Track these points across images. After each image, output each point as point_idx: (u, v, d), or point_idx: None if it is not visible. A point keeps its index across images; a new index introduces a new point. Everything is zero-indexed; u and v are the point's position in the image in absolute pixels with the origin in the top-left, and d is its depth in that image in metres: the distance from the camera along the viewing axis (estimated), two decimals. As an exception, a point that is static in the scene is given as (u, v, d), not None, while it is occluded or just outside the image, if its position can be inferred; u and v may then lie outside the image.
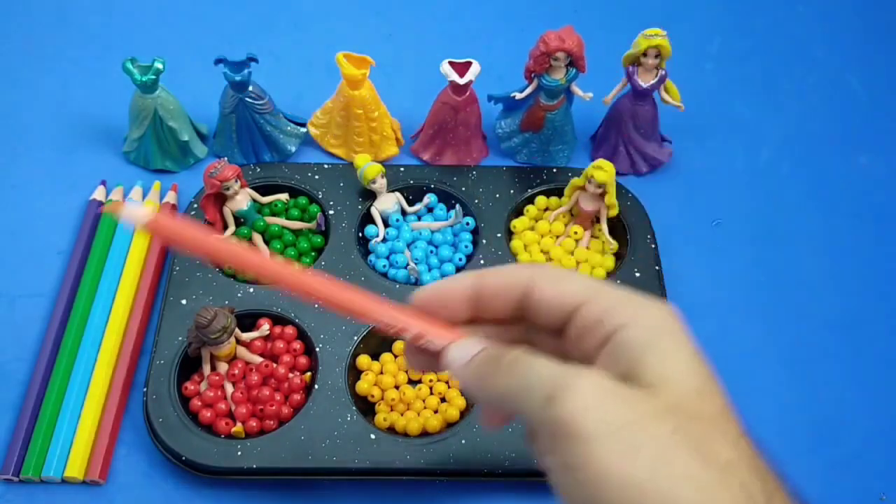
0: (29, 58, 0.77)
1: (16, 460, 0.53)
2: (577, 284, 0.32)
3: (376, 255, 0.63)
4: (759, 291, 0.64)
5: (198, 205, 0.63)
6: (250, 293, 0.59)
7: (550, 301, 0.32)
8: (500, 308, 0.33)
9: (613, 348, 0.30)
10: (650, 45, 0.62)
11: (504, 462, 0.53)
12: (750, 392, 0.59)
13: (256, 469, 0.52)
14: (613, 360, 0.30)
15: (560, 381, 0.28)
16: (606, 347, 0.30)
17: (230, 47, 0.64)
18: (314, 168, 0.67)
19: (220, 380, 0.55)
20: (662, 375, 0.28)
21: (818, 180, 0.71)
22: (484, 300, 0.33)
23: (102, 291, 0.60)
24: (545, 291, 0.32)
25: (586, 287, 0.32)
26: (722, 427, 0.28)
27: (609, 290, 0.31)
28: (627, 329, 0.30)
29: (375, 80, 0.66)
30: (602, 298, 0.31)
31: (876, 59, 0.81)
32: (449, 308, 0.33)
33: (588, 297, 0.31)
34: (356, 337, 0.58)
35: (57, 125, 0.72)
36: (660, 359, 0.29)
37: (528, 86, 0.65)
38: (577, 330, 0.31)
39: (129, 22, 0.80)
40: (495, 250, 0.62)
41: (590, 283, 0.32)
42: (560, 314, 0.32)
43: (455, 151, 0.68)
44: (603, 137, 0.70)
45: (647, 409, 0.27)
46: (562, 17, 0.76)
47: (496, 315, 0.33)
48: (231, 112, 0.65)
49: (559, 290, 0.32)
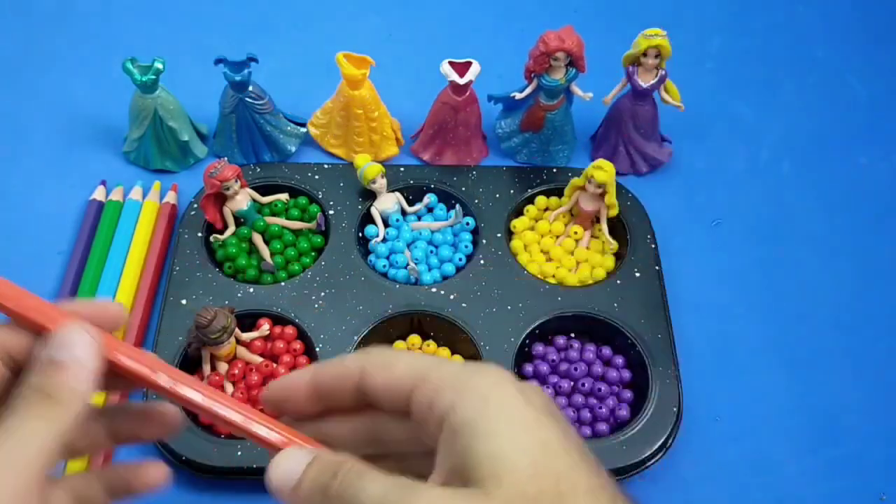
0: (29, 58, 0.77)
1: (16, 460, 0.53)
2: (405, 367, 0.30)
3: (376, 255, 0.63)
4: (759, 291, 0.64)
5: (198, 205, 0.63)
6: (250, 293, 0.59)
7: (383, 389, 0.31)
8: (342, 399, 0.32)
9: (446, 437, 0.28)
10: (650, 45, 0.62)
11: (504, 462, 0.52)
12: (750, 392, 0.59)
13: (256, 469, 0.52)
14: (448, 450, 0.28)
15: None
16: (442, 435, 0.29)
17: (230, 47, 0.64)
18: (314, 168, 0.67)
19: (220, 380, 0.55)
20: (494, 464, 0.27)
21: (818, 180, 0.71)
22: (323, 392, 0.32)
23: (102, 291, 0.60)
24: (375, 380, 0.31)
25: (414, 369, 0.30)
26: (569, 495, 0.27)
27: (438, 369, 0.30)
28: (455, 412, 0.28)
29: (375, 80, 0.66)
30: (431, 379, 0.29)
31: (876, 59, 0.81)
32: (293, 401, 0.33)
33: (417, 379, 0.30)
34: (356, 337, 0.58)
35: (57, 125, 0.72)
36: (488, 444, 0.27)
37: (527, 86, 0.65)
38: (415, 416, 0.30)
39: (129, 22, 0.80)
40: (495, 250, 0.62)
41: (418, 363, 0.30)
42: (397, 401, 0.30)
43: (455, 151, 0.68)
44: (603, 137, 0.70)
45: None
46: (562, 17, 0.76)
47: (342, 405, 0.32)
48: (231, 112, 0.65)
49: (387, 375, 0.31)
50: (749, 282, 0.65)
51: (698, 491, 0.55)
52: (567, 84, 0.64)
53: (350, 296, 0.59)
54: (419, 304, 0.59)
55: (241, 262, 0.61)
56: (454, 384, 0.29)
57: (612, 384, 0.57)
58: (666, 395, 0.55)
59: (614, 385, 0.57)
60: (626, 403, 0.56)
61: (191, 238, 0.62)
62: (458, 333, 0.58)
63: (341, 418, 0.33)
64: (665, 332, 0.58)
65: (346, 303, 0.59)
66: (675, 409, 0.55)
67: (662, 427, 0.54)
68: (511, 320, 0.58)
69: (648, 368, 0.56)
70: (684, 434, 0.55)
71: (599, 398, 0.56)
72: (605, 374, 0.57)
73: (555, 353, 0.58)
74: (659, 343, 0.58)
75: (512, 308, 0.59)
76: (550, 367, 0.57)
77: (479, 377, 0.29)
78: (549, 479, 0.27)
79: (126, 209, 0.64)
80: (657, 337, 0.58)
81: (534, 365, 0.58)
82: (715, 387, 0.59)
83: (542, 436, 0.28)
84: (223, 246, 0.62)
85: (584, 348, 0.58)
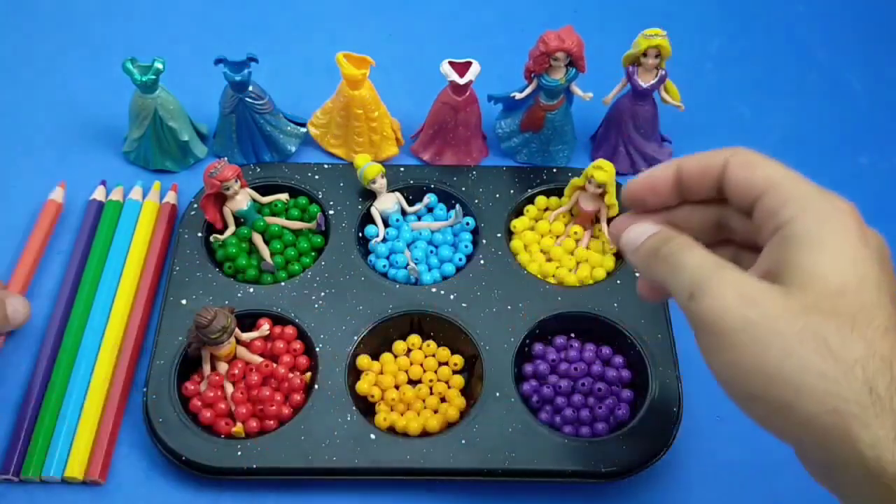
0: (29, 58, 0.77)
1: (16, 460, 0.53)
2: (764, 171, 0.34)
3: (376, 255, 0.63)
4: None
5: (198, 205, 0.63)
6: (250, 293, 0.59)
7: (738, 185, 0.35)
8: (700, 190, 0.37)
9: (777, 241, 0.32)
10: (650, 45, 0.62)
11: (504, 462, 0.53)
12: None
13: (256, 469, 0.52)
14: (772, 253, 0.33)
15: (701, 279, 0.32)
16: (773, 238, 0.33)
17: (230, 47, 0.64)
18: (314, 168, 0.67)
19: (220, 380, 0.55)
20: (808, 273, 0.31)
21: (818, 180, 0.70)
22: (685, 183, 0.37)
23: (102, 291, 0.60)
24: (736, 175, 0.35)
25: (771, 176, 0.34)
26: (862, 322, 0.30)
27: (792, 181, 0.33)
28: (794, 223, 0.32)
29: (375, 80, 0.66)
30: (783, 189, 0.33)
31: (876, 59, 0.81)
32: (657, 192, 0.37)
33: (771, 185, 0.34)
34: (356, 337, 0.58)
35: (57, 125, 0.72)
36: (812, 256, 0.31)
37: (527, 86, 0.65)
38: (758, 217, 0.34)
39: (129, 22, 0.80)
40: (495, 250, 0.62)
41: (777, 171, 0.34)
42: (747, 199, 0.34)
43: (455, 151, 0.68)
44: (603, 137, 0.70)
45: (778, 309, 0.30)
46: (562, 17, 0.76)
47: (699, 197, 0.37)
48: (231, 112, 0.65)
49: (747, 174, 0.35)
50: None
51: (698, 491, 0.55)
52: (567, 84, 0.64)
53: (350, 296, 0.59)
54: (419, 304, 0.59)
55: (241, 262, 0.61)
56: (802, 201, 0.33)
57: (612, 384, 0.57)
58: (666, 395, 0.55)
59: (614, 385, 0.57)
60: (625, 403, 0.56)
61: (191, 238, 0.62)
62: (458, 333, 0.58)
63: (692, 208, 0.38)
64: (665, 332, 0.58)
65: (346, 303, 0.59)
66: (675, 409, 0.55)
67: (662, 427, 0.54)
68: (511, 320, 0.58)
69: (648, 368, 0.56)
70: (684, 434, 0.55)
71: (599, 398, 0.56)
72: (604, 373, 0.57)
73: (555, 352, 0.58)
74: (659, 343, 0.58)
75: (512, 308, 0.59)
76: (550, 366, 0.57)
77: (828, 203, 0.33)
78: (852, 305, 0.30)
79: (126, 209, 0.64)
80: (657, 337, 0.58)
81: (534, 365, 0.58)
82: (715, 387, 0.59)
83: (863, 270, 0.31)
84: (223, 246, 0.62)
85: (583, 348, 0.58)
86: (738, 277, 0.32)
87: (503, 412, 0.54)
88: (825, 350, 0.29)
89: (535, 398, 0.57)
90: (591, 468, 0.52)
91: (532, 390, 0.57)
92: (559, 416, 0.56)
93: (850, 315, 0.30)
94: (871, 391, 0.29)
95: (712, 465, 0.56)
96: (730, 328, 0.31)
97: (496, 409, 0.55)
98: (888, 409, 0.29)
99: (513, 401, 0.55)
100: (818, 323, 0.30)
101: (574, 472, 0.52)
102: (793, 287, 0.31)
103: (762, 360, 0.30)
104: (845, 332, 0.30)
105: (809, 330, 0.30)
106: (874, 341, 0.29)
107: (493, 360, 0.56)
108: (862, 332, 0.30)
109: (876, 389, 0.29)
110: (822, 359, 0.29)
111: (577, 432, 0.55)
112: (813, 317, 0.30)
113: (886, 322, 0.30)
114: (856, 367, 0.29)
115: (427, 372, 0.58)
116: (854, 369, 0.29)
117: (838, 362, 0.29)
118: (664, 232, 0.36)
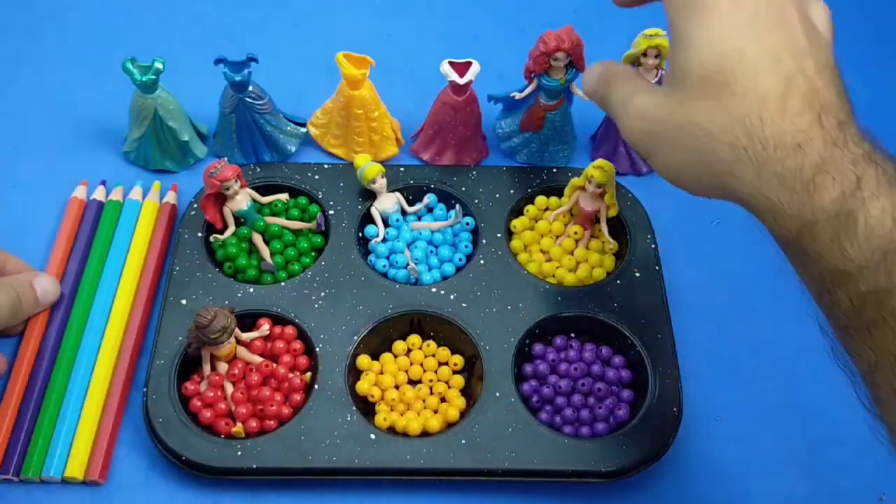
0: (29, 58, 0.77)
1: (16, 460, 0.53)
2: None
3: (376, 255, 0.63)
4: (760, 291, 0.64)
5: (198, 205, 0.63)
6: (250, 293, 0.59)
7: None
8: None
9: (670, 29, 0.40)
10: (650, 45, 0.62)
11: (504, 462, 0.53)
12: (750, 392, 0.59)
13: (256, 469, 0.52)
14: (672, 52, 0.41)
15: (619, 112, 0.43)
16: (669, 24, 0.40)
17: (230, 47, 0.64)
18: (314, 168, 0.67)
19: (220, 380, 0.55)
20: (679, 68, 0.39)
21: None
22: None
23: (102, 291, 0.60)
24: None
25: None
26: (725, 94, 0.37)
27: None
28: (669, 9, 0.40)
29: (375, 80, 0.66)
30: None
31: (876, 59, 0.81)
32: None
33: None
34: (356, 337, 0.58)
35: (57, 125, 0.72)
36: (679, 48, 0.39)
37: (527, 86, 0.65)
38: None
39: (129, 22, 0.80)
40: (495, 250, 0.62)
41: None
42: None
43: (455, 151, 0.68)
44: (603, 137, 0.70)
45: (663, 113, 0.40)
46: (562, 17, 0.75)
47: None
48: (231, 112, 0.65)
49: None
50: (749, 282, 0.65)
51: (698, 491, 0.55)
52: (567, 84, 0.64)
53: (350, 296, 0.59)
54: (419, 304, 0.59)
55: (241, 262, 0.61)
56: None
57: (612, 384, 0.57)
58: (666, 395, 0.55)
59: (614, 385, 0.57)
60: (625, 403, 0.56)
61: (191, 238, 0.62)
62: (458, 333, 0.58)
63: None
64: (665, 331, 0.58)
65: (346, 303, 0.59)
66: (675, 409, 0.55)
67: (662, 427, 0.54)
68: (511, 320, 0.58)
69: (648, 368, 0.56)
70: (684, 434, 0.55)
71: (599, 398, 0.56)
72: (604, 374, 0.57)
73: (554, 353, 0.58)
74: (659, 343, 0.58)
75: (512, 308, 0.59)
76: (550, 366, 0.57)
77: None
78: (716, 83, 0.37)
79: (126, 209, 0.64)
80: (657, 337, 0.58)
81: (533, 365, 0.58)
82: (715, 387, 0.59)
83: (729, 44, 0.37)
84: (223, 246, 0.62)
85: (583, 348, 0.58)
86: (641, 101, 0.41)
87: (503, 412, 0.54)
88: (699, 131, 0.37)
89: (535, 398, 0.57)
90: (591, 468, 0.52)
91: (532, 390, 0.57)
92: (559, 416, 0.56)
93: (715, 93, 0.37)
94: (733, 148, 0.36)
95: (712, 465, 0.56)
96: (639, 142, 0.41)
97: (496, 409, 0.55)
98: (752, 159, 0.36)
99: (513, 401, 0.55)
100: (690, 111, 0.38)
101: (574, 472, 0.52)
102: (674, 85, 0.39)
103: (666, 159, 0.40)
104: (714, 109, 0.37)
105: (685, 120, 0.38)
106: (733, 108, 0.36)
107: (493, 361, 0.57)
108: (726, 103, 0.36)
109: (740, 145, 0.36)
110: (696, 139, 0.38)
111: (577, 432, 0.55)
112: (687, 107, 0.38)
113: (749, 86, 0.36)
114: (722, 136, 0.37)
115: (427, 372, 0.58)
116: (720, 137, 0.37)
117: (711, 138, 0.37)
118: (608, 66, 0.46)
